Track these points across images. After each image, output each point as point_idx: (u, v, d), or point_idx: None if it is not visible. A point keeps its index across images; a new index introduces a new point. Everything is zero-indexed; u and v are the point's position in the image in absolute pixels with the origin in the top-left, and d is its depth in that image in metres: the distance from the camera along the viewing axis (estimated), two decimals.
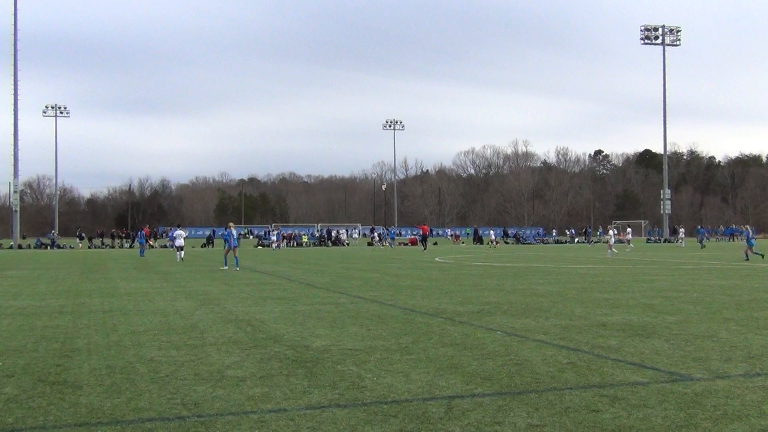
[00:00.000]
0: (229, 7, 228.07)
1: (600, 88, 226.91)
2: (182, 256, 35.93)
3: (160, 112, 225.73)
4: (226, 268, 27.36)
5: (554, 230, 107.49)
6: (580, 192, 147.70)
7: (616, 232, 44.01)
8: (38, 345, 9.32)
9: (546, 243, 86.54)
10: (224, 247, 28.64)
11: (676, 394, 6.49)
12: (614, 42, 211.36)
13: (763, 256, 32.96)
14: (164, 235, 72.84)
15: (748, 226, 37.99)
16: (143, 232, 51.35)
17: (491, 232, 72.75)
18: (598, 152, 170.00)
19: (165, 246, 61.62)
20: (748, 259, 32.54)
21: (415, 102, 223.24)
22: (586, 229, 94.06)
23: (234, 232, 28.25)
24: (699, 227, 62.95)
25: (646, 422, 5.61)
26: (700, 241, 57.25)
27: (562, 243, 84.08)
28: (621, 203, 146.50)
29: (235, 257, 27.46)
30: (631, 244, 52.59)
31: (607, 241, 41.00)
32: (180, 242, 36.90)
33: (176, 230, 40.46)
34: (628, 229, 36.61)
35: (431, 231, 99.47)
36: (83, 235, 73.79)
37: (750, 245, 34.18)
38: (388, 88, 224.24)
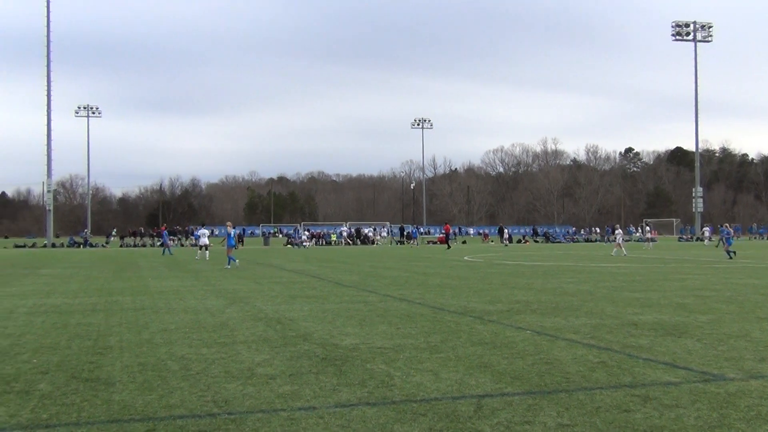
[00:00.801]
0: (258, 8, 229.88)
1: (631, 85, 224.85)
2: (207, 255, 36.11)
3: (191, 111, 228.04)
4: (229, 267, 27.90)
5: (584, 229, 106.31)
6: (610, 190, 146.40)
7: (639, 230, 43.48)
8: (71, 342, 9.43)
9: (576, 242, 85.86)
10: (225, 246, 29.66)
11: (709, 395, 6.40)
12: (645, 38, 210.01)
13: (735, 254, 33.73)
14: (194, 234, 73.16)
15: (727, 225, 38.03)
16: (165, 232, 51.32)
17: (505, 230, 72.22)
18: (629, 150, 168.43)
19: (195, 245, 61.91)
20: (731, 258, 32.74)
21: (443, 100, 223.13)
22: (614, 228, 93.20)
23: (232, 231, 29.57)
24: (720, 226, 61.89)
25: (679, 423, 5.54)
26: (721, 240, 56.54)
27: (592, 242, 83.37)
28: (652, 201, 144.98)
29: (231, 257, 28.43)
30: (650, 244, 51.64)
31: (615, 240, 40.53)
32: (204, 241, 37.03)
33: (201, 229, 40.62)
34: (728, 227, 36.10)
35: (460, 230, 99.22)
36: (113, 234, 74.41)
37: (728, 243, 34.79)
38: (416, 86, 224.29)
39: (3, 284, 19.92)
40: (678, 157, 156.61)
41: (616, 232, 40.99)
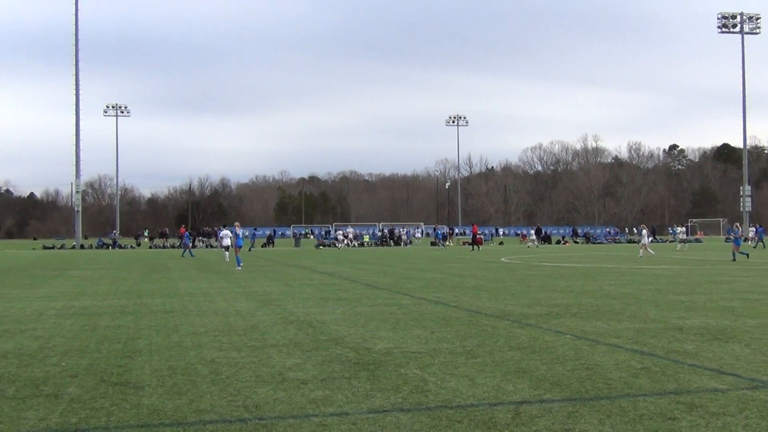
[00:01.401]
0: (288, 5, 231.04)
1: (675, 79, 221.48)
2: (228, 256, 36.26)
3: (220, 110, 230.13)
4: (240, 268, 28.39)
5: (627, 229, 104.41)
6: (654, 189, 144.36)
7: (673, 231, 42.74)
8: (101, 345, 9.42)
9: (618, 242, 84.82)
10: (234, 246, 30.55)
11: (758, 402, 6.19)
12: (689, 31, 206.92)
13: (748, 256, 33.18)
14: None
15: (738, 225, 37.33)
16: (186, 233, 51.32)
17: (531, 231, 71.61)
18: (673, 147, 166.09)
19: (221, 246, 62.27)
20: (734, 260, 32.28)
21: (479, 97, 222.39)
22: (654, 229, 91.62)
23: (239, 232, 30.34)
24: (757, 226, 60.64)
25: (726, 431, 5.36)
26: (754, 240, 55.56)
27: (635, 242, 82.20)
28: (698, 200, 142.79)
29: (237, 257, 29.29)
30: (685, 245, 50.39)
31: (641, 241, 39.89)
32: (227, 242, 37.22)
33: (222, 230, 40.80)
34: (738, 227, 35.23)
35: (497, 230, 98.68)
36: (144, 234, 75.05)
37: (737, 244, 34.17)
38: (451, 83, 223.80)
39: (32, 286, 20.16)
40: (725, 154, 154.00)
41: (643, 232, 40.38)
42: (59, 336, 10.26)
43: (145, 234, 74.19)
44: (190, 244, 48.86)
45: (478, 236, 59.54)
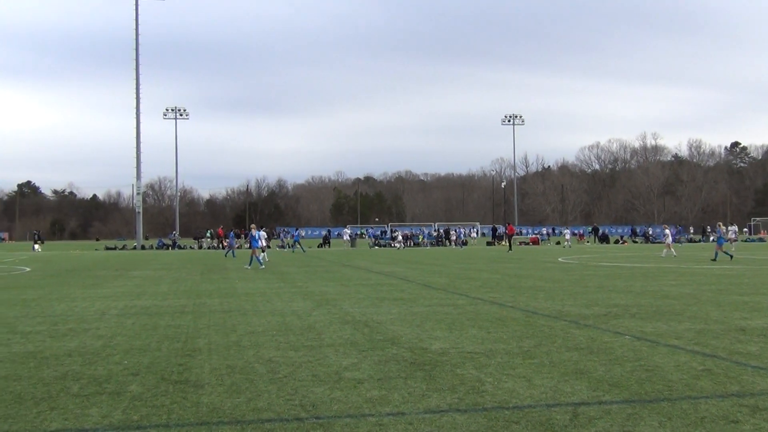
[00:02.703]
0: (343, 5, 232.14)
1: (737, 75, 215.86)
2: (265, 257, 36.49)
3: (276, 112, 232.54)
4: (249, 267, 29.37)
5: (692, 228, 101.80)
6: (715, 187, 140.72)
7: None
8: (161, 344, 9.59)
9: (678, 242, 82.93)
10: (251, 247, 31.27)
11: None
12: (752, 26, 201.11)
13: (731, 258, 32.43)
14: (280, 235, 73.80)
15: (720, 224, 36.03)
16: (231, 233, 51.43)
17: (566, 231, 70.32)
18: (735, 144, 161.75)
19: (282, 246, 62.85)
20: (715, 259, 31.86)
21: (535, 95, 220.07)
22: (704, 228, 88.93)
23: (256, 234, 31.41)
24: (718, 226, 58.35)
25: None
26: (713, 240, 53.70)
27: (695, 242, 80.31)
28: (761, 199, 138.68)
29: (256, 257, 30.23)
30: (732, 245, 48.25)
31: (665, 241, 38.81)
32: (261, 243, 37.53)
33: (258, 231, 41.01)
34: (721, 227, 33.92)
35: (554, 230, 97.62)
36: (207, 235, 75.94)
37: (719, 244, 33.67)
38: (506, 82, 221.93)
39: (95, 286, 20.60)
40: None
41: (666, 232, 39.43)
42: (121, 335, 10.48)
43: (208, 234, 74.82)
44: (235, 245, 49.15)
45: (533, 236, 58.83)
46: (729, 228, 49.25)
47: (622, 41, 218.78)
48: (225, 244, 60.12)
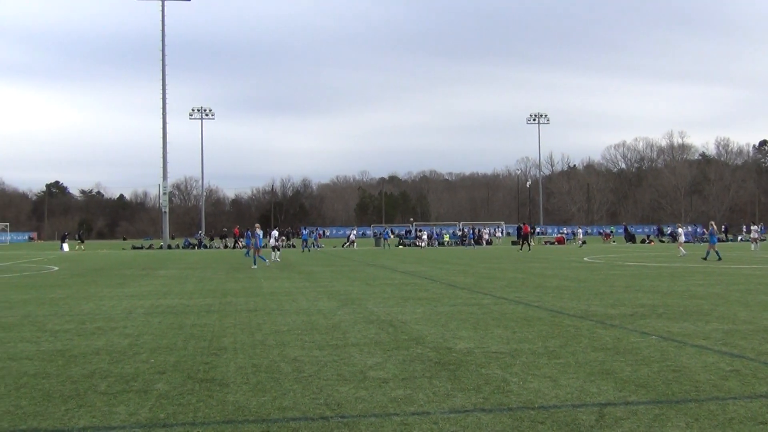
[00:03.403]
0: (368, 5, 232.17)
1: (766, 73, 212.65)
2: (278, 256, 36.57)
3: (302, 112, 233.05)
4: (255, 267, 29.73)
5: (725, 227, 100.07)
6: (743, 186, 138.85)
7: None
8: (187, 343, 9.65)
9: (705, 241, 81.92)
10: (252, 246, 32.16)
11: None
12: None
13: (720, 258, 31.99)
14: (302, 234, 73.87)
15: (713, 223, 35.48)
16: (248, 233, 51.44)
17: (579, 230, 69.71)
18: (764, 143, 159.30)
19: (306, 246, 62.92)
20: (706, 258, 31.88)
21: (560, 94, 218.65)
22: (726, 228, 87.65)
23: (260, 233, 32.02)
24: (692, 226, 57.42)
25: None
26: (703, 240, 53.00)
27: (723, 241, 79.36)
28: None
29: (261, 257, 31.24)
30: (757, 245, 47.28)
31: (677, 239, 38.47)
32: (273, 242, 37.59)
33: (272, 231, 41.18)
34: (713, 225, 33.31)
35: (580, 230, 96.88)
36: (225, 234, 76.06)
37: (712, 243, 33.47)
38: (531, 80, 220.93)
39: (122, 285, 20.79)
40: None
41: (678, 231, 39.05)
42: (148, 333, 10.57)
43: (224, 234, 75.09)
44: (251, 244, 48.98)
45: (558, 236, 58.43)
46: (753, 227, 48.54)
47: (649, 39, 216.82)
48: (240, 244, 60.46)
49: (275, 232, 39.21)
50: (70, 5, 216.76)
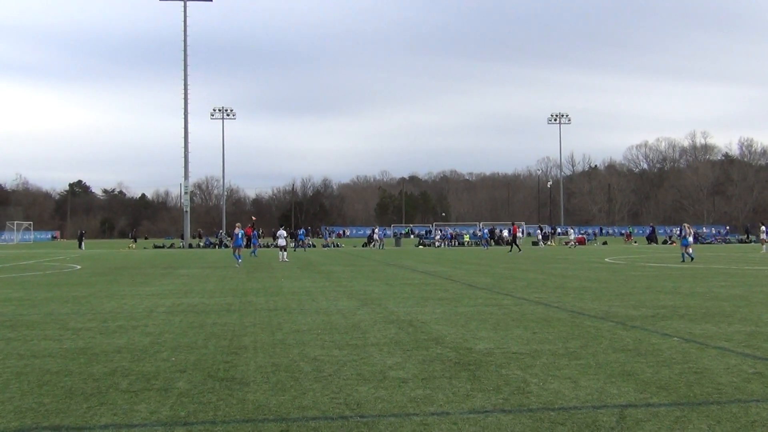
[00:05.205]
0: (387, 6, 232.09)
1: None
2: (285, 256, 36.53)
3: (322, 112, 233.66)
4: (238, 266, 30.21)
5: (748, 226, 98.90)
6: (767, 187, 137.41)
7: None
8: (208, 342, 9.68)
9: (728, 242, 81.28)
10: (233, 245, 32.77)
11: None
12: None
13: (693, 259, 32.10)
14: (323, 234, 74.07)
15: (687, 225, 34.83)
16: (255, 232, 51.32)
17: (571, 230, 69.20)
18: None
19: (326, 246, 63.09)
20: (683, 261, 31.65)
21: (581, 94, 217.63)
22: (747, 228, 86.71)
23: (238, 232, 32.52)
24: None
25: None
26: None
27: (746, 242, 78.60)
28: None
29: (237, 255, 31.66)
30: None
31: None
32: (281, 242, 37.47)
33: (279, 230, 41.19)
34: (686, 227, 32.63)
35: (601, 230, 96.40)
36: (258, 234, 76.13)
37: (684, 244, 33.10)
38: (552, 80, 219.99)
39: (144, 284, 20.90)
40: None
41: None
42: (169, 332, 10.62)
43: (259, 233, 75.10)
44: (258, 244, 48.97)
45: (579, 236, 58.08)
46: (762, 227, 48.07)
47: (671, 39, 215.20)
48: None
49: (282, 232, 39.12)
50: (94, 7, 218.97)
